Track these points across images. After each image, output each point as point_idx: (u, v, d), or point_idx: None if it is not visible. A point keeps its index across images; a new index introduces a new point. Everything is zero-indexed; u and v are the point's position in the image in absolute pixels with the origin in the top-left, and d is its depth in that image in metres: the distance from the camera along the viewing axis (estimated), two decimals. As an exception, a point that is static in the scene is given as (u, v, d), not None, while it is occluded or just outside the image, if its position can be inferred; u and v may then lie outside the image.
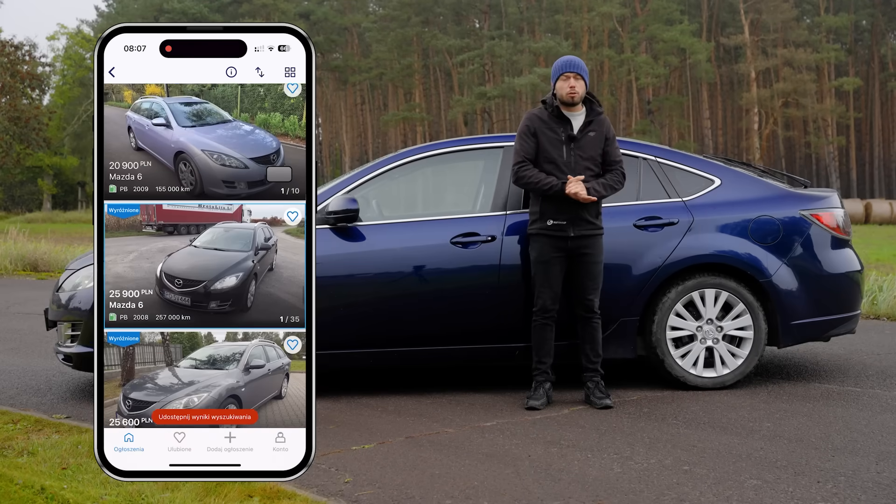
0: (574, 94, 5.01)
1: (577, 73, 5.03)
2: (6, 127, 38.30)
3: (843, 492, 3.49)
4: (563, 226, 4.97)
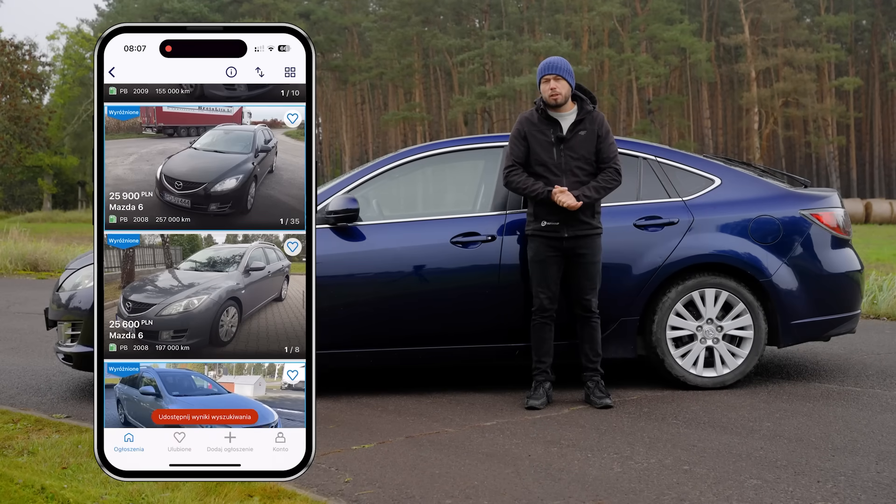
0: (557, 96, 5.01)
1: (556, 74, 5.02)
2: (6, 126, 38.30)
3: (843, 491, 3.49)
4: (557, 227, 4.97)
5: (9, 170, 42.73)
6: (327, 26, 63.05)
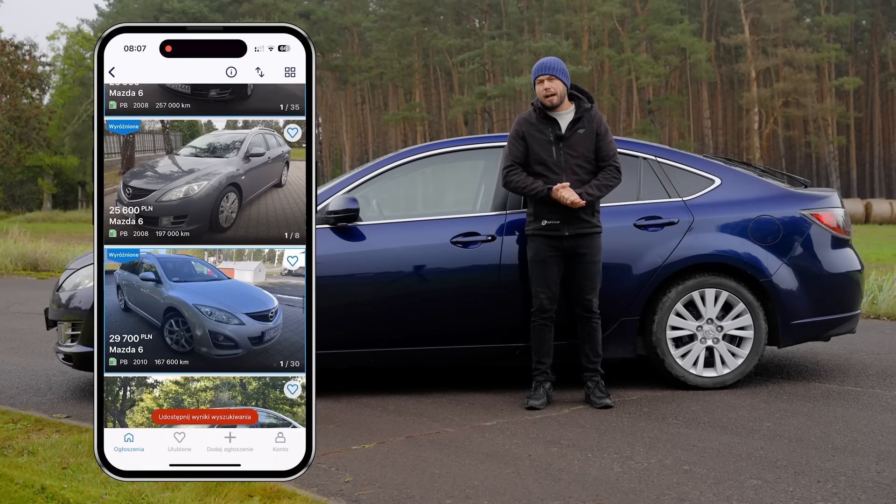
0: (552, 97, 5.01)
1: (551, 74, 5.02)
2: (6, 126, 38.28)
3: (843, 491, 3.49)
4: (557, 225, 4.97)
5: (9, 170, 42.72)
6: (327, 26, 63.04)
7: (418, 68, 62.33)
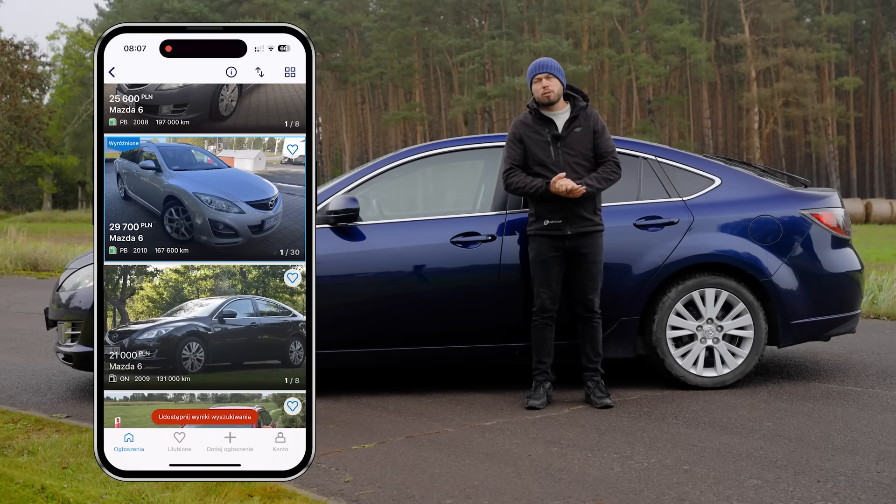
0: (549, 94, 5.02)
1: (548, 72, 5.03)
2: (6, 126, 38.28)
3: (843, 491, 3.49)
4: (560, 224, 4.97)
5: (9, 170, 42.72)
6: (327, 26, 63.04)
7: (418, 68, 62.33)
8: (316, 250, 1.25)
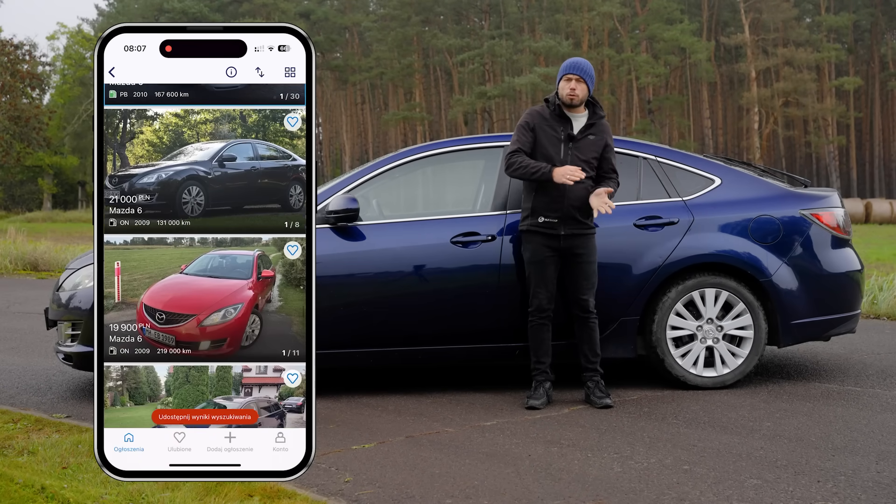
0: (574, 97, 5.01)
1: (579, 75, 5.03)
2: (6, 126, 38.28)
3: (843, 491, 3.49)
4: (555, 224, 4.97)
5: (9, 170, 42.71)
6: (327, 26, 63.03)
7: (418, 68, 62.33)
8: (316, 251, 1.25)
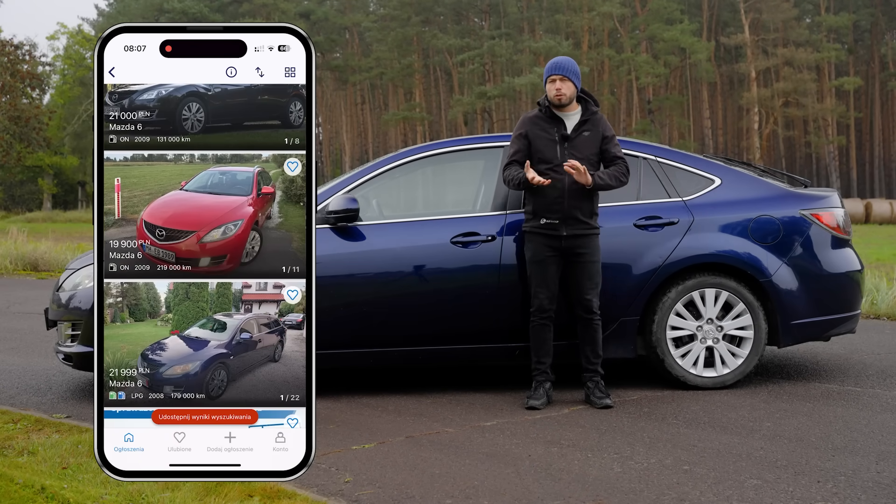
0: (561, 96, 5.01)
1: (563, 75, 5.02)
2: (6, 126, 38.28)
3: (843, 491, 3.49)
4: (556, 225, 4.97)
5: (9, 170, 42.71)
6: (327, 26, 63.03)
7: (418, 68, 62.32)
8: (316, 254, 1.26)
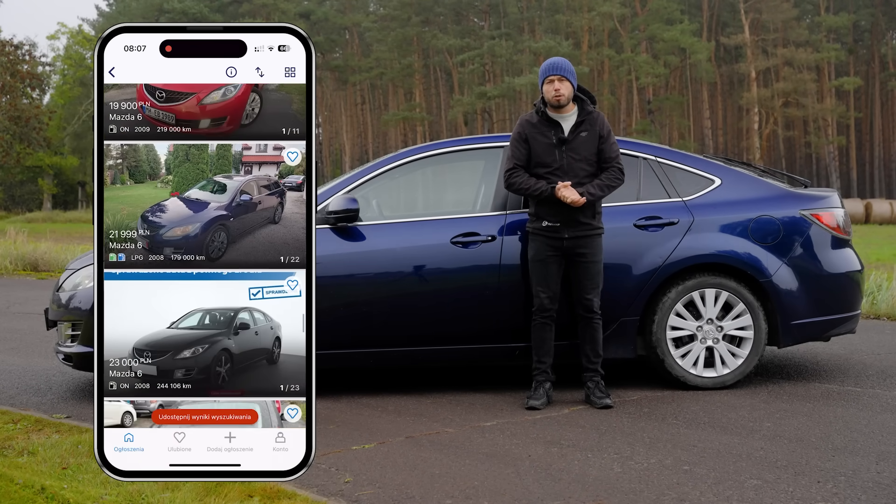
0: (560, 97, 5.01)
1: (561, 75, 5.02)
2: (6, 126, 38.28)
3: (843, 492, 3.49)
4: (558, 227, 4.98)
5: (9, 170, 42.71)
6: (327, 26, 63.03)
7: (418, 68, 62.32)
8: (316, 254, 1.25)
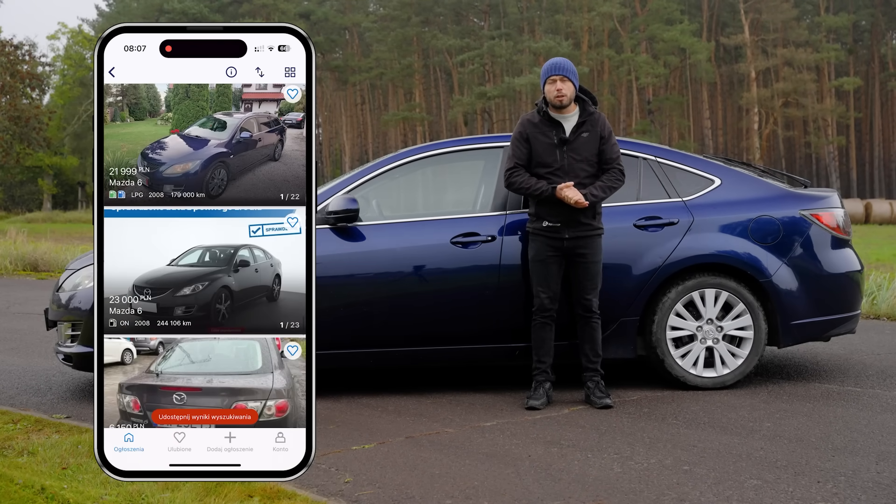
0: (562, 97, 5.01)
1: (563, 75, 5.02)
2: (6, 127, 38.27)
3: (843, 492, 3.49)
4: (558, 228, 4.98)
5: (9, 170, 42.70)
6: (327, 26, 63.04)
7: (418, 68, 62.32)
8: (316, 255, 1.25)
